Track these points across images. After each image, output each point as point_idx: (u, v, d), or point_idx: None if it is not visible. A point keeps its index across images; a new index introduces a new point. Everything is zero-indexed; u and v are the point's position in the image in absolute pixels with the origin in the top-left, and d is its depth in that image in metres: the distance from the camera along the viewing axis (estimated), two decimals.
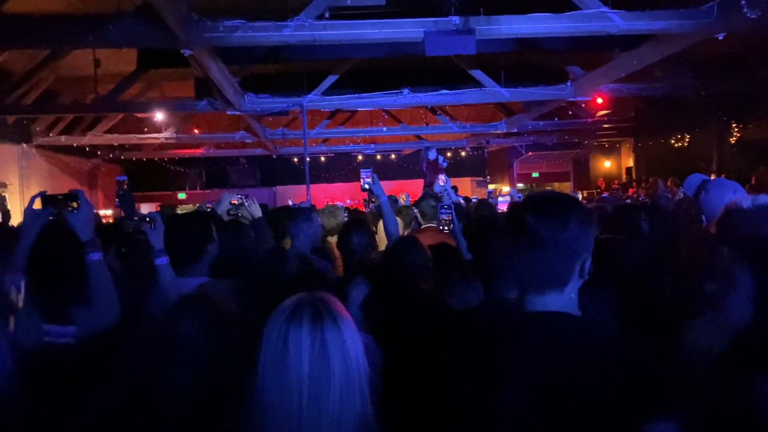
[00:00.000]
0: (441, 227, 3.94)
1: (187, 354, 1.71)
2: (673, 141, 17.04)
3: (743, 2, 5.53)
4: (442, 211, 3.91)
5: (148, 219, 2.63)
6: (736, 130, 14.47)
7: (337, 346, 1.40)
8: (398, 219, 5.46)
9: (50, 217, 2.32)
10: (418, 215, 5.16)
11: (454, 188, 7.39)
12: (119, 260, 3.52)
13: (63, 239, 2.21)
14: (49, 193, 2.35)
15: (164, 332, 1.77)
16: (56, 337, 1.97)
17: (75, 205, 2.29)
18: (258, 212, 3.98)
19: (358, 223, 3.80)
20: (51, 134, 13.79)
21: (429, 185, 9.57)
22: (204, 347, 1.72)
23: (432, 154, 10.36)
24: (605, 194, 11.59)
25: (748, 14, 5.57)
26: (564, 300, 1.48)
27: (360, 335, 1.49)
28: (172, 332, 1.74)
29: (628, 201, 9.86)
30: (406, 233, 5.19)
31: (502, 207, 4.59)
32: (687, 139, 16.59)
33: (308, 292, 1.51)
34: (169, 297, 2.56)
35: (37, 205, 2.33)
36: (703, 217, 2.73)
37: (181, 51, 6.61)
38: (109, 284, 2.22)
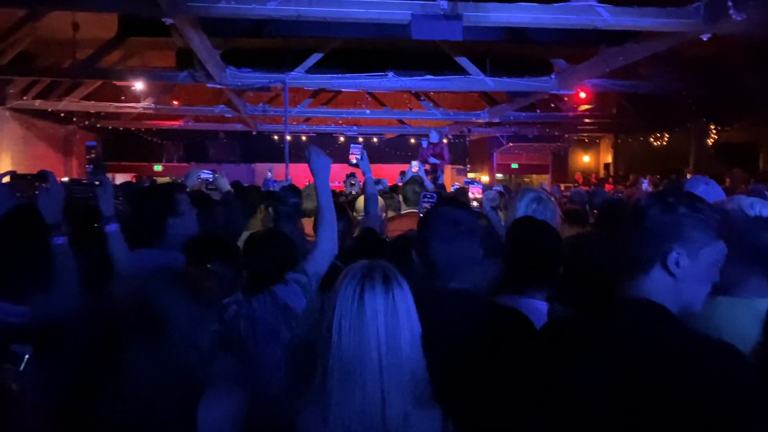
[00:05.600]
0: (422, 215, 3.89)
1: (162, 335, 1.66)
2: (652, 139, 17.20)
3: (730, 3, 5.55)
4: (425, 199, 3.87)
5: (98, 183, 2.53)
6: (714, 132, 14.64)
7: (404, 305, 1.58)
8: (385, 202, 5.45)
9: (17, 195, 2.26)
10: (401, 200, 5.12)
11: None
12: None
13: (27, 219, 2.14)
14: (22, 159, 2.29)
15: (135, 309, 1.71)
16: (5, 315, 1.91)
17: (45, 185, 2.23)
18: (227, 186, 3.95)
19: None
20: (25, 98, 13.43)
21: (434, 171, 9.37)
22: (185, 327, 1.68)
23: (434, 136, 10.03)
24: (582, 188, 11.67)
25: (735, 16, 5.60)
26: (649, 289, 1.47)
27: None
28: (146, 309, 1.69)
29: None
30: (388, 216, 5.16)
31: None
32: (666, 139, 16.75)
33: (370, 260, 1.66)
34: (122, 268, 2.49)
35: (6, 180, 2.27)
36: None
37: (163, 19, 6.47)
38: (72, 268, 2.17)
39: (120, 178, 17.54)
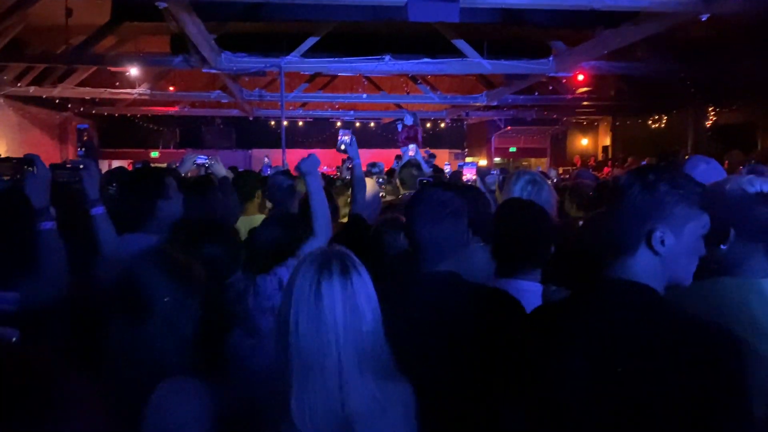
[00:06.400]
0: None
1: (146, 312, 1.66)
2: (650, 122, 17.15)
3: None
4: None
5: (82, 165, 2.50)
6: (712, 114, 14.59)
7: (363, 292, 1.55)
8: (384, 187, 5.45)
9: (6, 177, 2.23)
10: (398, 183, 5.12)
11: (433, 156, 7.30)
12: None
13: (14, 204, 2.11)
14: (17, 146, 2.24)
15: (121, 292, 1.70)
16: None
17: (31, 170, 2.19)
18: (223, 171, 3.94)
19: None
20: (19, 84, 13.33)
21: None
22: (167, 306, 1.67)
23: (408, 119, 9.99)
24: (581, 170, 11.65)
25: None
26: (635, 270, 1.45)
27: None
28: (128, 289, 1.68)
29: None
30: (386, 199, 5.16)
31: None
32: (664, 121, 16.70)
33: (328, 247, 1.65)
34: (108, 251, 2.48)
35: None
36: None
37: (156, 4, 6.39)
38: (60, 254, 2.15)
39: (116, 165, 17.49)
